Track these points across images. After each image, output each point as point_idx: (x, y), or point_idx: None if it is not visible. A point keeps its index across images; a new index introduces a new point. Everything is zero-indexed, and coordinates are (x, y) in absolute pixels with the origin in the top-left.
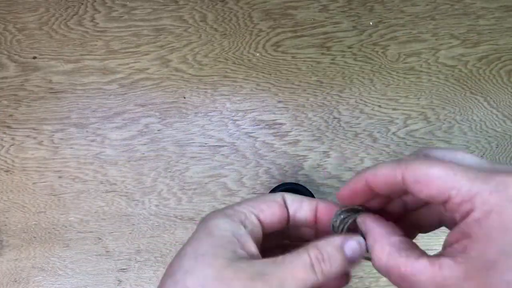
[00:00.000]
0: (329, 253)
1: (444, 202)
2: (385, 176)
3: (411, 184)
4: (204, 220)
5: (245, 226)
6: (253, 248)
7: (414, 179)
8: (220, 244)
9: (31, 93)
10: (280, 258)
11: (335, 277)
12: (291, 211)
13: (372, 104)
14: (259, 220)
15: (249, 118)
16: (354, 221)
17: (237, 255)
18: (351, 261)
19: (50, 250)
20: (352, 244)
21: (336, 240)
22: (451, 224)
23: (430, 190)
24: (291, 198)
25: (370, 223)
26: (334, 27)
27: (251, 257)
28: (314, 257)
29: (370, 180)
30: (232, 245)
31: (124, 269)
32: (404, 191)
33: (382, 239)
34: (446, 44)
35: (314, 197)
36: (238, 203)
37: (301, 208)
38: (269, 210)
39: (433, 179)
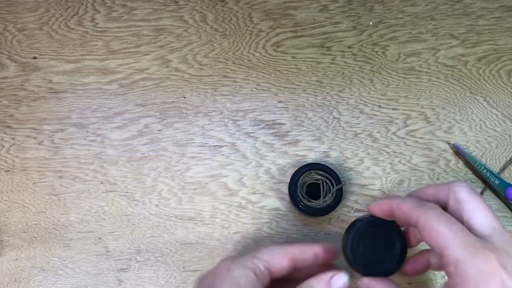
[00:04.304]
0: None
1: (439, 256)
2: (404, 213)
3: (420, 229)
4: (226, 264)
5: (258, 277)
6: None
7: (422, 227)
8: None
9: (31, 93)
10: None
11: None
12: (299, 262)
13: (372, 104)
14: (267, 268)
15: (249, 118)
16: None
17: None
18: None
19: (51, 250)
20: (337, 279)
21: (324, 277)
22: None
23: (431, 241)
24: (297, 251)
25: (374, 284)
26: (334, 27)
27: None
28: None
29: (394, 209)
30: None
31: (124, 269)
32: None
33: None
34: (446, 44)
35: (339, 177)
36: (257, 254)
37: (306, 256)
38: (279, 265)
39: (436, 234)
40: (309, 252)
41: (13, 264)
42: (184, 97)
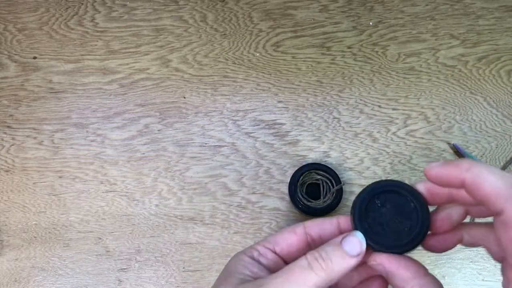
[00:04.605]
0: (328, 251)
1: (504, 258)
2: (484, 196)
3: (502, 222)
4: (228, 261)
5: (257, 261)
6: (262, 275)
7: (507, 223)
8: (229, 275)
9: (31, 93)
10: (282, 269)
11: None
12: (315, 236)
13: (372, 104)
14: (275, 252)
15: (249, 118)
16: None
17: (243, 281)
18: (352, 255)
19: (51, 250)
20: (350, 239)
21: (336, 238)
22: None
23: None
24: (310, 224)
25: (391, 264)
26: (334, 27)
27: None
28: (311, 258)
29: (468, 185)
30: (239, 275)
31: (124, 269)
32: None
33: (411, 282)
34: (446, 44)
35: (339, 177)
36: (260, 240)
37: (324, 230)
38: (285, 242)
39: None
40: (325, 223)
41: (13, 264)
42: (184, 97)
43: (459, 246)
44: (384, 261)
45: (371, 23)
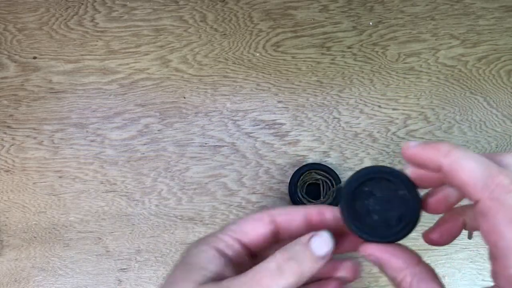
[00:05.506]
0: (295, 251)
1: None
2: (462, 182)
3: (476, 213)
4: (187, 248)
5: (223, 254)
6: (227, 271)
7: (481, 212)
8: (192, 270)
9: (31, 93)
10: (249, 270)
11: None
12: (283, 225)
13: (372, 104)
14: (242, 243)
15: (249, 118)
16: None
17: (206, 279)
18: (320, 256)
19: (51, 250)
20: (318, 239)
21: (302, 238)
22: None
23: (487, 237)
24: (278, 212)
25: (382, 254)
26: (334, 27)
27: (223, 278)
28: (280, 259)
29: (445, 170)
30: (203, 270)
31: (124, 269)
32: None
33: (403, 271)
34: (446, 44)
35: (339, 177)
36: (223, 229)
37: (292, 220)
38: (253, 232)
39: (500, 236)
40: (293, 213)
41: (13, 264)
42: (184, 97)
43: (459, 246)
44: (375, 251)
45: (371, 23)
